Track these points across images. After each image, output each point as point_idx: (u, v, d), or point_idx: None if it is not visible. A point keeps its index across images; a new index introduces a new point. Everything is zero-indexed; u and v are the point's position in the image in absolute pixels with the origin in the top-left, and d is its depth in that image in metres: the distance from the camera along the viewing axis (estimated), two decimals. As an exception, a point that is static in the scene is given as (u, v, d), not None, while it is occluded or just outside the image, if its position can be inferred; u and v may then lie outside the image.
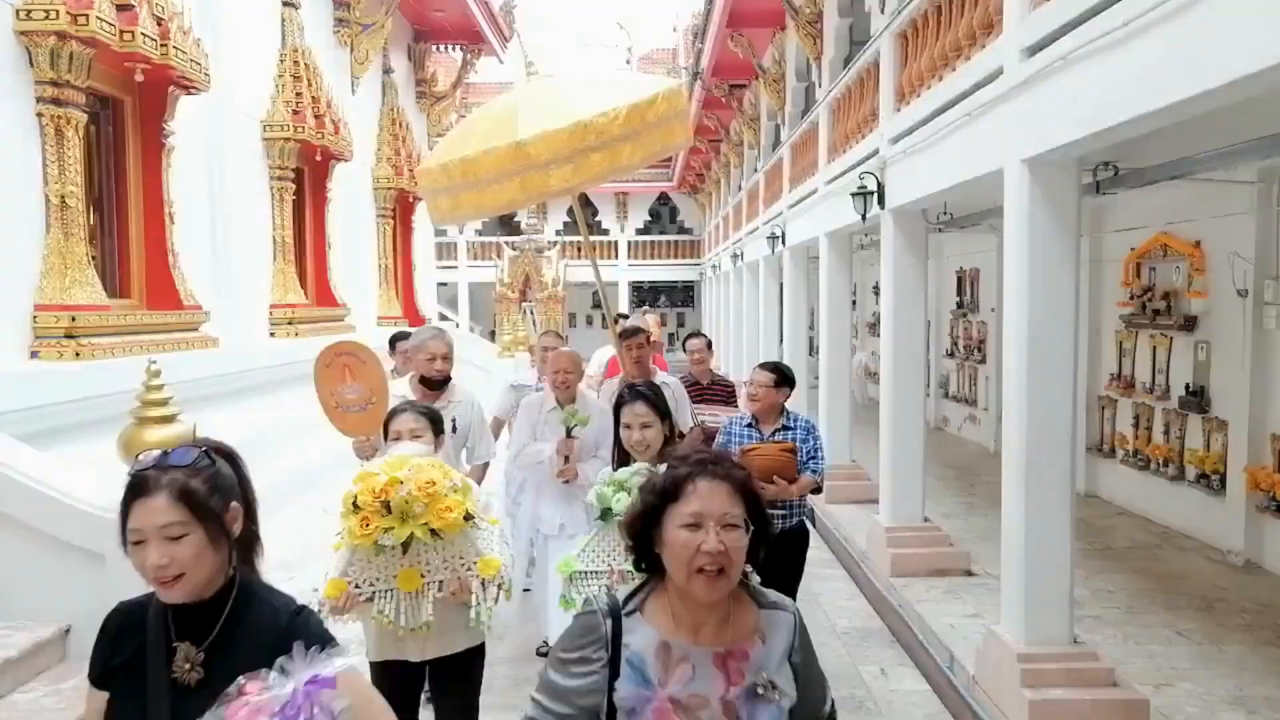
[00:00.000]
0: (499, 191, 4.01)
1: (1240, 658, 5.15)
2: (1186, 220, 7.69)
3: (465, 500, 2.91)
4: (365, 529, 2.81)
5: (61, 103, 5.82)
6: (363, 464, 3.49)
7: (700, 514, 1.67)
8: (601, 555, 3.13)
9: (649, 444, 3.49)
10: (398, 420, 3.53)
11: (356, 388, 4.51)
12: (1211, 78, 3.06)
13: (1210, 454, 7.40)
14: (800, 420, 4.63)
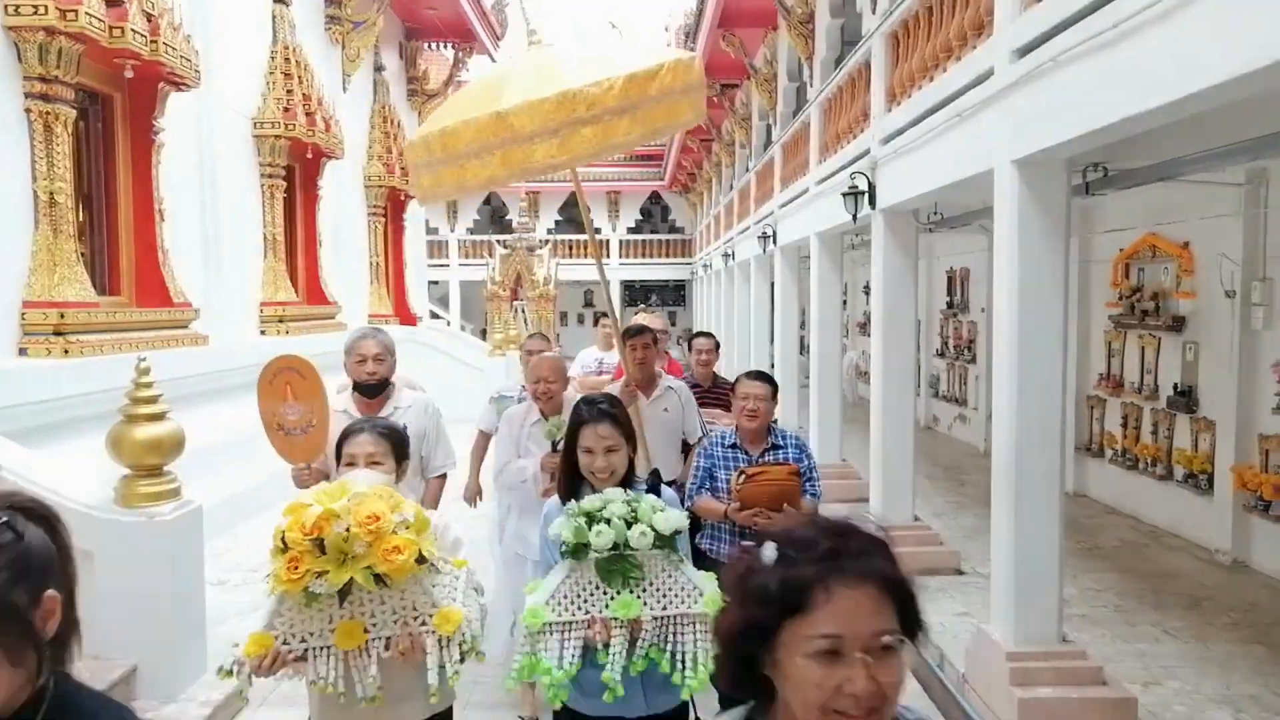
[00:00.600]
0: (479, 167, 3.68)
1: (1227, 656, 5.19)
2: (1175, 221, 7.73)
3: (420, 538, 2.38)
4: (294, 573, 2.29)
5: (50, 99, 5.79)
6: None
7: (839, 637, 1.14)
8: (576, 601, 2.55)
9: (614, 470, 2.84)
10: (353, 443, 2.94)
11: (297, 408, 3.96)
12: (1201, 80, 3.07)
13: (1198, 454, 7.44)
14: (790, 437, 4.10)
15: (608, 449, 2.84)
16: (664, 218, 33.18)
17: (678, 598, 2.56)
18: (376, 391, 4.04)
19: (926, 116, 5.92)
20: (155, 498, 4.45)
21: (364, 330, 4.19)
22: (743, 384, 4.04)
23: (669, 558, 2.58)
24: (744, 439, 3.99)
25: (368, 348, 4.03)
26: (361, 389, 4.04)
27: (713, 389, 5.75)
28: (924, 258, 12.35)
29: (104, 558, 4.33)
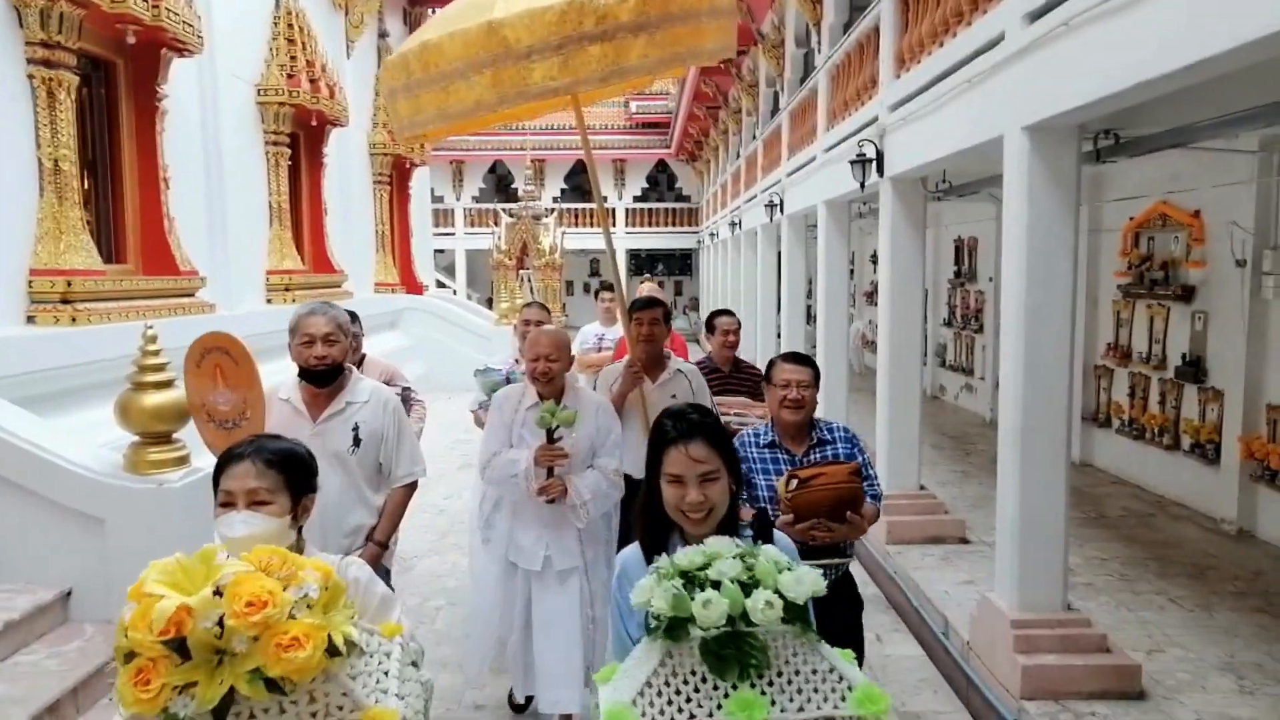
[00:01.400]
0: (465, 89, 3.13)
1: (1231, 625, 5.21)
2: (1186, 190, 7.66)
3: (330, 618, 1.68)
4: (145, 690, 1.56)
5: (52, 64, 5.76)
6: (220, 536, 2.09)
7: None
8: (675, 699, 1.72)
9: (713, 508, 2.07)
10: (229, 475, 2.11)
11: (229, 396, 3.42)
12: (1216, 43, 3.03)
13: (1205, 424, 7.43)
14: (838, 429, 3.38)
15: (704, 477, 2.06)
16: (670, 186, 33.01)
17: (818, 693, 1.77)
18: (327, 380, 3.31)
19: (936, 83, 5.85)
20: (164, 465, 4.48)
21: (311, 305, 3.40)
22: (781, 369, 3.27)
23: (803, 635, 1.79)
24: (784, 435, 3.27)
25: (316, 325, 3.29)
26: (309, 376, 3.32)
27: (734, 374, 5.08)
28: (932, 226, 12.26)
29: (114, 524, 4.37)
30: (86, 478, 4.35)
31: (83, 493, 4.36)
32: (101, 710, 3.91)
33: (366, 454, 3.32)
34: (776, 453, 3.25)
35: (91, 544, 4.34)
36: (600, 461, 3.70)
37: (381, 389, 3.49)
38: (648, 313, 4.26)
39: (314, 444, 2.76)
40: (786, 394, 3.23)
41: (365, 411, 3.34)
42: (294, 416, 3.30)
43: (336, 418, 3.31)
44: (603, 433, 3.72)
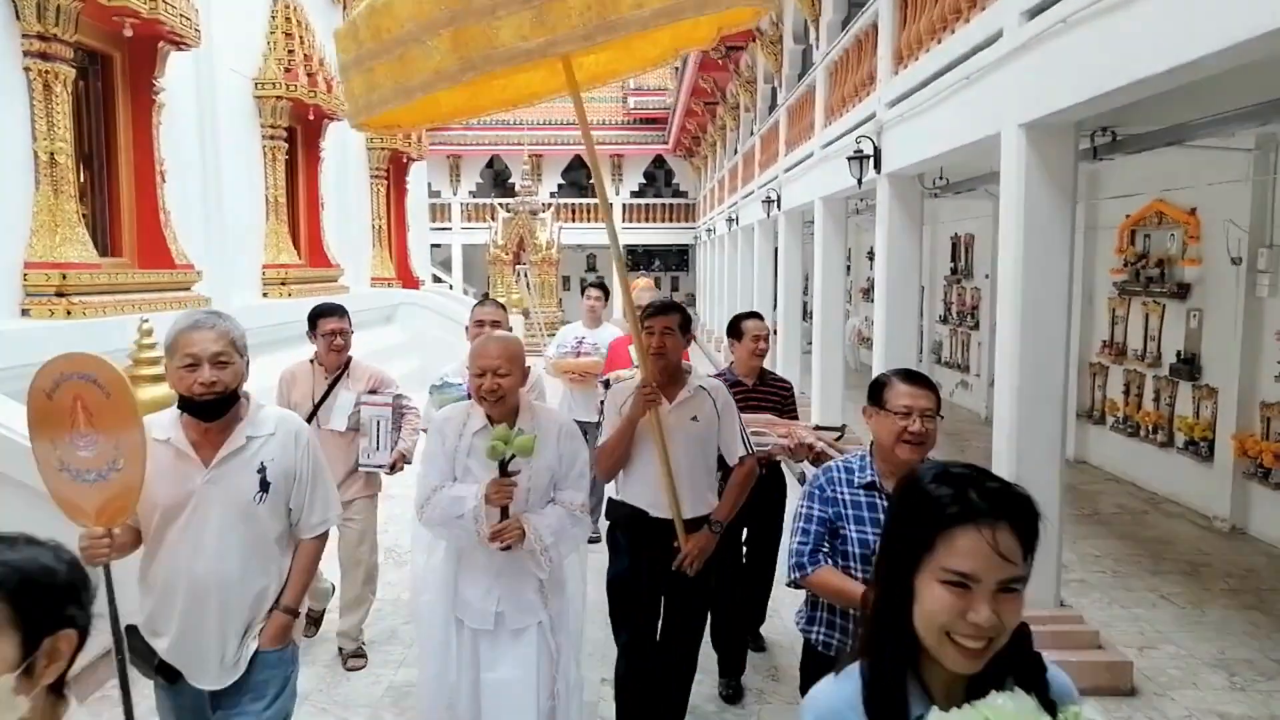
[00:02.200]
0: (422, 56, 2.59)
1: (1223, 621, 5.23)
2: (1182, 187, 7.67)
3: None
4: None
5: (49, 57, 5.74)
6: None
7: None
8: None
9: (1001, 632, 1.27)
10: None
11: (93, 440, 2.39)
12: (1212, 42, 3.04)
13: (1199, 421, 7.45)
14: None
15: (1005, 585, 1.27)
16: (667, 182, 33.00)
17: None
18: (217, 411, 2.52)
19: (933, 80, 5.86)
20: (159, 458, 4.48)
21: (195, 315, 2.56)
22: (898, 391, 2.55)
23: None
24: (890, 475, 2.54)
25: (201, 343, 2.48)
26: (195, 409, 2.51)
27: (759, 387, 4.45)
28: (928, 223, 12.26)
29: (109, 517, 4.36)
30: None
31: (78, 486, 4.36)
32: (96, 702, 3.92)
33: (276, 500, 2.63)
34: (875, 497, 2.54)
35: (87, 537, 4.34)
36: (564, 495, 3.06)
37: (290, 418, 2.76)
38: (660, 320, 3.50)
39: (208, 495, 2.49)
40: (906, 425, 2.50)
41: (272, 446, 2.62)
42: (178, 463, 2.52)
43: (235, 458, 2.55)
44: (567, 461, 3.06)
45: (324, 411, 4.46)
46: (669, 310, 3.57)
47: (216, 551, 2.52)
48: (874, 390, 2.64)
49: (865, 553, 2.46)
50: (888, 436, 2.53)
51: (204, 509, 2.52)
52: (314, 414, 4.41)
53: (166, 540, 2.55)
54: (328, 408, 4.47)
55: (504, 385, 2.93)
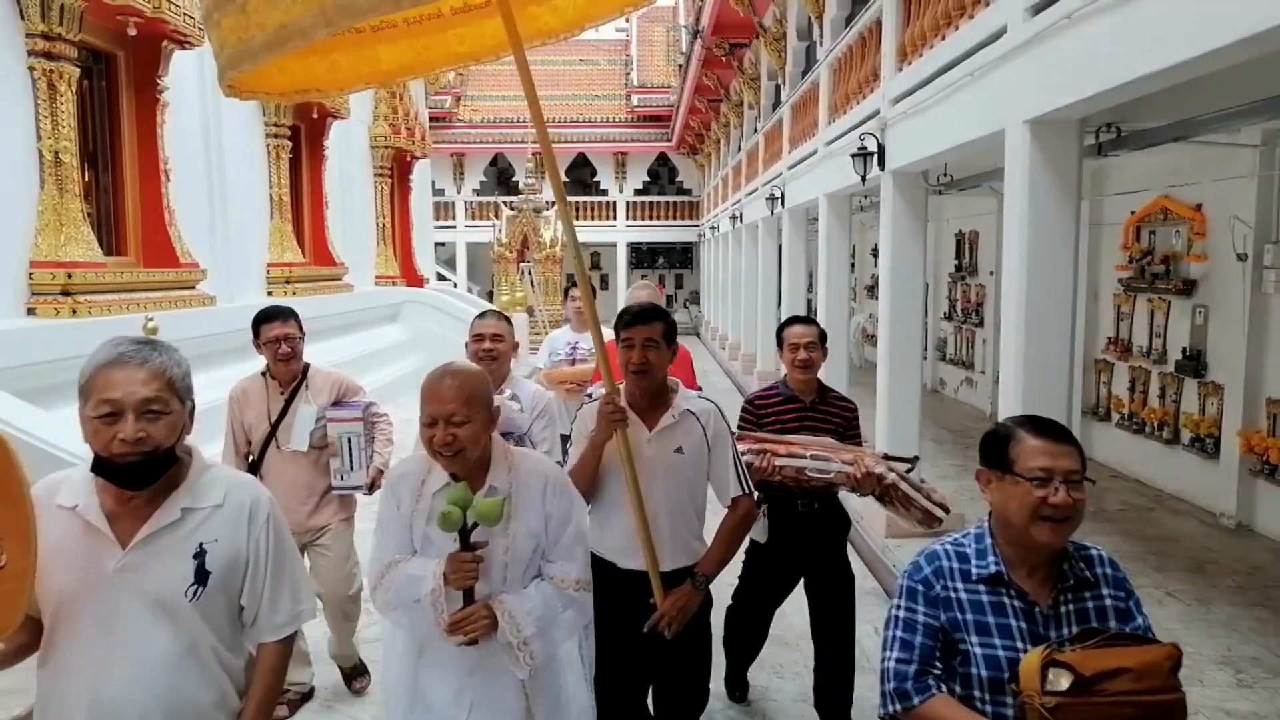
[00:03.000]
0: (267, 7, 2.13)
1: (1229, 619, 5.21)
2: (1188, 184, 7.65)
3: None
4: None
5: (53, 56, 5.76)
6: None
7: None
8: None
9: None
10: None
11: None
12: (1218, 36, 3.02)
13: (1205, 418, 7.43)
14: (1098, 557, 2.02)
15: None
16: (671, 179, 32.98)
17: None
18: (143, 478, 1.84)
19: (937, 76, 5.85)
20: (165, 457, 4.48)
21: (119, 348, 1.86)
22: (1031, 447, 1.89)
23: None
24: (1019, 564, 1.93)
25: (124, 385, 1.81)
26: (111, 472, 1.83)
27: (819, 406, 3.85)
28: (933, 220, 12.26)
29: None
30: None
31: (84, 484, 4.37)
32: None
33: (219, 595, 1.93)
34: (1004, 595, 1.91)
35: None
36: (554, 569, 2.41)
37: (245, 485, 2.04)
38: (640, 330, 2.84)
39: (123, 586, 1.82)
40: (1045, 495, 1.83)
41: (217, 523, 1.92)
42: (85, 540, 1.85)
43: (164, 538, 1.86)
44: (556, 524, 2.42)
45: (283, 431, 3.96)
46: (650, 318, 2.87)
47: (131, 667, 1.82)
48: (994, 447, 1.97)
49: (996, 675, 1.84)
50: (1019, 512, 1.87)
51: (115, 605, 1.82)
52: (272, 434, 3.95)
53: (61, 648, 1.85)
54: (286, 426, 3.95)
55: (461, 436, 2.26)
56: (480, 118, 30.51)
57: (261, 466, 3.96)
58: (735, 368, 17.70)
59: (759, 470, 3.50)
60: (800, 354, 3.82)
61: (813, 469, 3.48)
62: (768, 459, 3.56)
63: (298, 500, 3.95)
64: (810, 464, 3.48)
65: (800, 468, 3.56)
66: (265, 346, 3.92)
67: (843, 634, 3.82)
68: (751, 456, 3.51)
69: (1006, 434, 1.96)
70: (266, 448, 3.97)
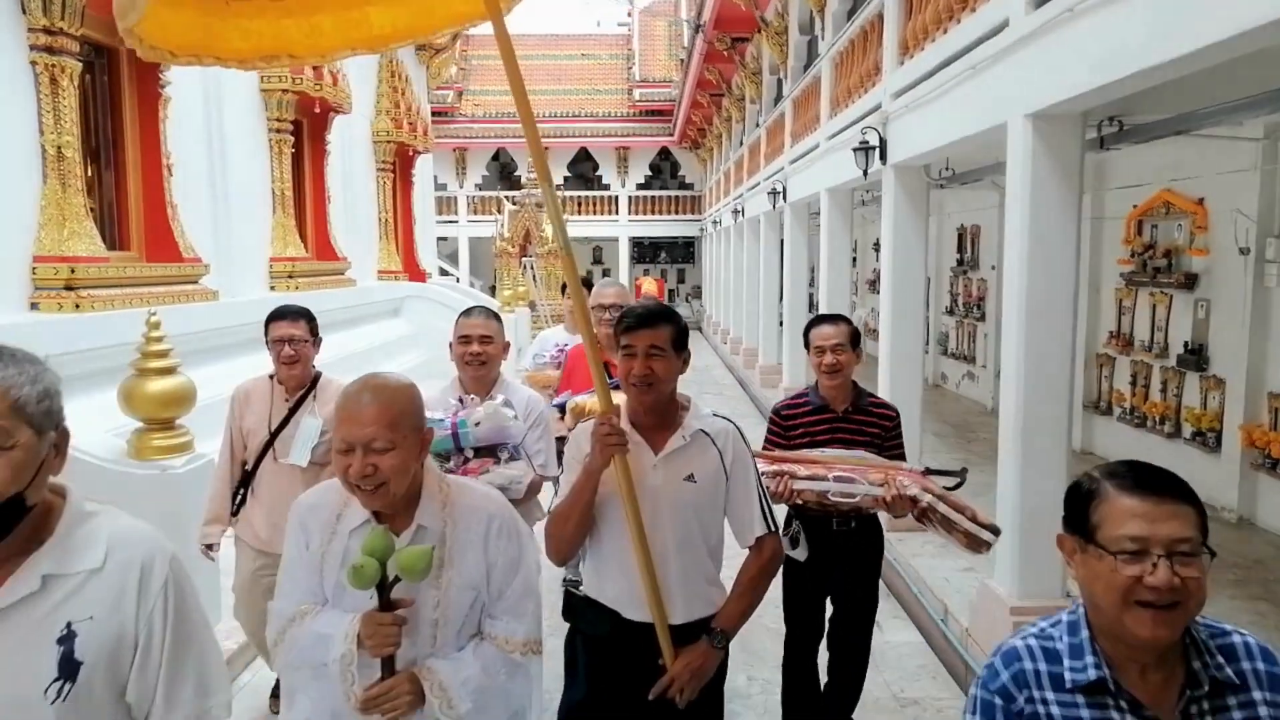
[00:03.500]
0: None
1: (1230, 612, 5.22)
2: (1190, 177, 7.64)
3: None
4: None
5: (55, 51, 5.76)
6: None
7: None
8: None
9: None
10: None
11: None
12: (1219, 29, 3.02)
13: (1207, 412, 7.43)
14: (1252, 647, 1.46)
15: None
16: (673, 174, 32.97)
17: None
18: None
19: (939, 70, 5.84)
20: (167, 451, 4.51)
21: None
22: (1122, 507, 1.41)
23: None
24: (1126, 659, 1.44)
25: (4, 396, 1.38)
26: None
27: (853, 415, 3.47)
28: (934, 214, 12.26)
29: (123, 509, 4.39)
30: (90, 464, 4.37)
31: (86, 479, 4.38)
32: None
33: (91, 694, 1.41)
34: (1114, 709, 1.42)
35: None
36: (499, 627, 2.01)
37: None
38: (644, 336, 2.36)
39: None
40: (1141, 574, 1.36)
41: (92, 594, 1.43)
42: None
43: (16, 616, 1.38)
44: (502, 572, 2.01)
45: (282, 441, 3.65)
46: (656, 321, 2.38)
47: None
48: (1079, 508, 1.49)
49: None
50: (1105, 595, 1.41)
51: None
52: (270, 443, 3.68)
53: None
54: (287, 436, 3.64)
55: (384, 467, 1.83)
56: (483, 112, 30.50)
57: (255, 479, 3.70)
58: (737, 362, 17.70)
59: (776, 495, 3.11)
60: (827, 357, 3.39)
61: (837, 492, 3.05)
62: (785, 482, 3.18)
63: None
64: (834, 487, 3.04)
65: (822, 491, 3.14)
66: (271, 346, 3.69)
67: (860, 646, 3.66)
68: (768, 480, 3.12)
69: (1092, 490, 1.48)
70: (263, 456, 3.68)
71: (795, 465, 3.24)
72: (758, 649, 4.78)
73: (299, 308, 3.75)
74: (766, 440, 3.55)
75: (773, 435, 3.56)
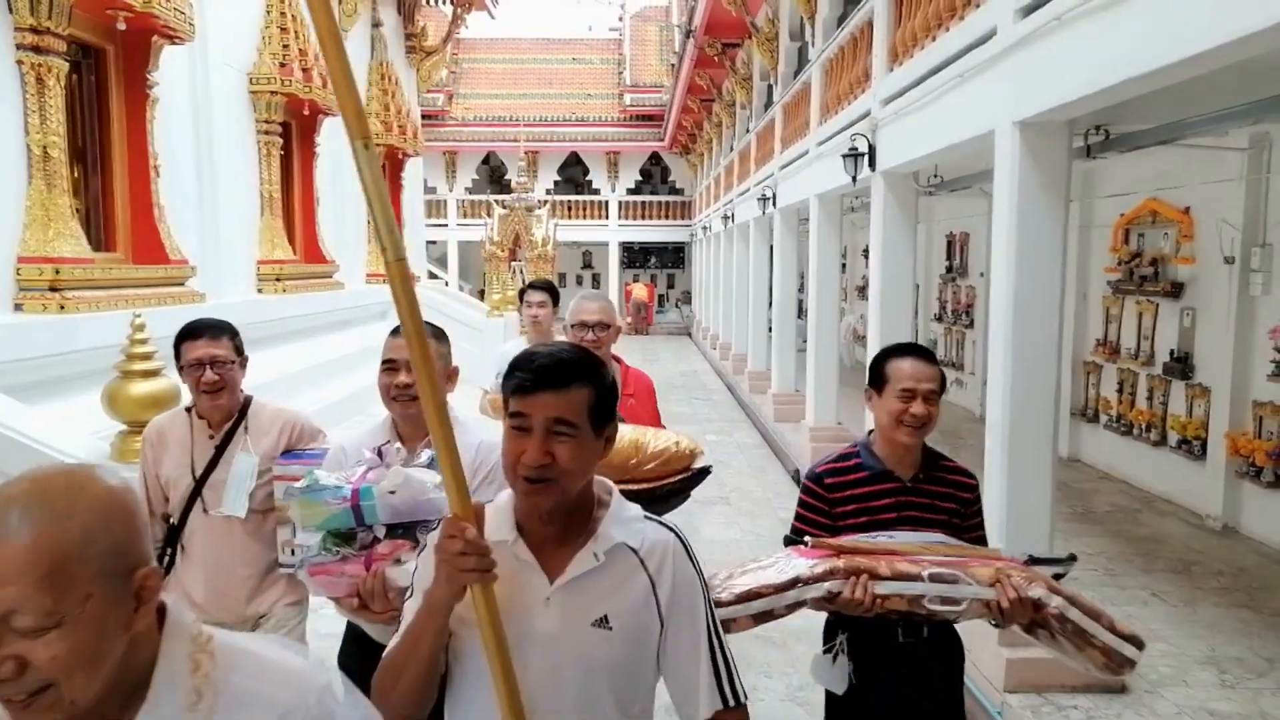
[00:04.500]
0: None
1: (1214, 619, 5.24)
2: (1176, 186, 7.69)
3: None
4: None
5: (42, 50, 5.72)
6: None
7: None
8: None
9: None
10: None
11: None
12: (1205, 40, 3.04)
13: (1192, 420, 7.47)
14: None
15: None
16: (664, 179, 32.99)
17: None
18: None
19: (928, 77, 5.87)
20: (152, 454, 4.46)
21: None
22: None
23: None
24: None
25: None
26: None
27: (923, 482, 2.57)
28: (923, 221, 12.29)
29: (101, 512, 4.35)
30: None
31: (70, 481, 4.35)
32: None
33: None
34: None
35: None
36: None
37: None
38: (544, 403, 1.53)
39: None
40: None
41: None
42: None
43: None
44: None
45: (211, 488, 2.89)
46: (569, 379, 1.55)
47: None
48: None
49: None
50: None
51: None
52: (197, 493, 2.91)
53: None
54: (217, 481, 2.90)
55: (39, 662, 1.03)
56: (473, 116, 30.47)
57: (183, 534, 2.95)
58: (726, 368, 17.71)
59: (852, 604, 2.24)
60: (917, 406, 2.45)
61: (934, 597, 2.21)
62: (864, 587, 2.23)
63: (233, 582, 2.93)
64: (931, 590, 2.21)
65: (915, 597, 2.23)
66: (186, 372, 2.87)
67: None
68: (838, 583, 2.24)
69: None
70: (190, 510, 2.91)
71: (874, 559, 2.28)
72: (744, 656, 4.78)
73: (218, 321, 2.96)
74: (800, 516, 2.59)
75: (811, 512, 2.56)
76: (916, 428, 2.49)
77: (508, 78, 32.28)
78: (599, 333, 3.52)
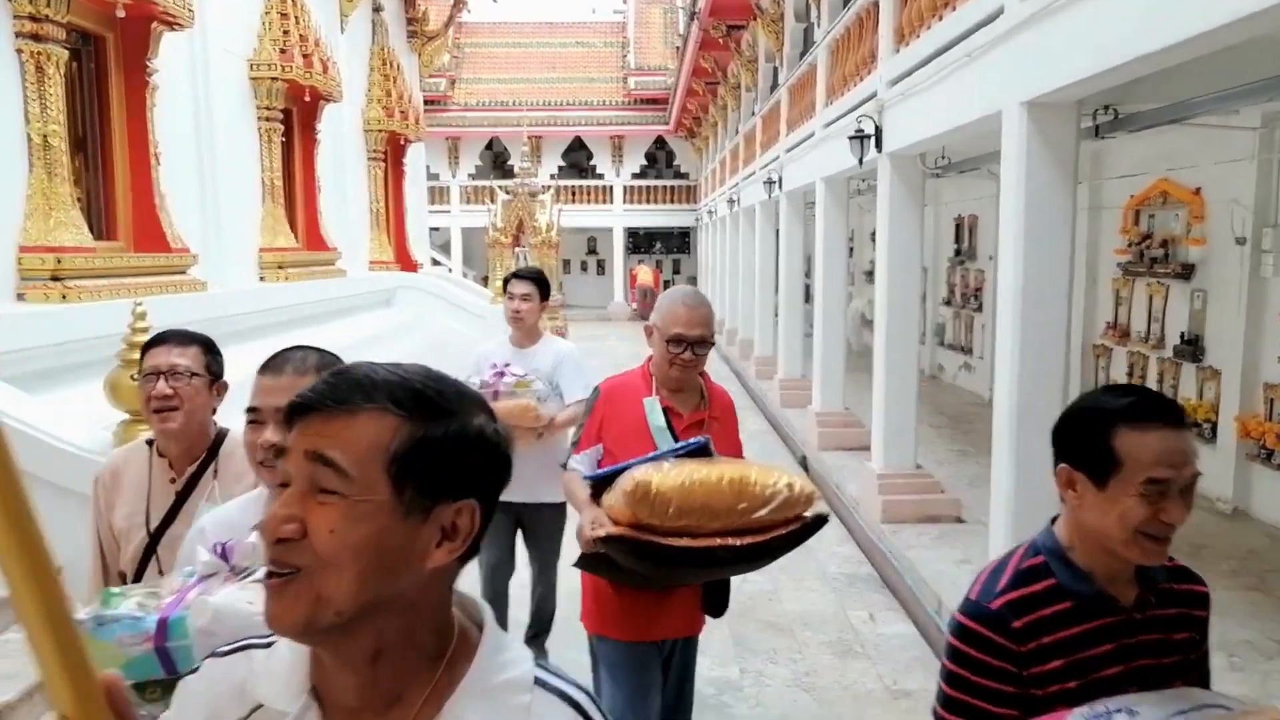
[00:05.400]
0: None
1: (1224, 603, 5.20)
2: (1187, 167, 7.61)
3: None
4: None
5: (41, 38, 5.69)
6: None
7: None
8: None
9: None
10: None
11: None
12: (1216, 16, 2.98)
13: (1203, 403, 7.41)
14: None
15: None
16: (669, 163, 32.85)
17: None
18: None
19: (935, 57, 5.79)
20: (154, 443, 4.45)
21: None
22: None
23: None
24: None
25: None
26: None
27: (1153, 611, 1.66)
28: (931, 204, 12.21)
29: (104, 503, 4.35)
30: (76, 455, 4.32)
31: (73, 470, 4.33)
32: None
33: None
34: None
35: (82, 521, 4.32)
36: None
37: None
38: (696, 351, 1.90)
39: None
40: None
41: None
42: None
43: None
44: None
45: (167, 547, 2.24)
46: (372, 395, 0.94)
47: None
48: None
49: None
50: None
51: None
52: (152, 550, 2.30)
53: None
54: (174, 539, 2.19)
55: None
56: (475, 101, 30.34)
57: None
58: (733, 353, 17.67)
59: None
60: (1173, 509, 1.53)
61: None
62: None
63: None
64: None
65: None
66: (140, 387, 2.36)
67: None
68: None
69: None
70: (143, 571, 2.30)
71: None
72: (750, 641, 4.76)
73: (192, 332, 2.48)
74: (961, 682, 1.62)
75: (985, 676, 1.58)
76: (1158, 540, 1.54)
77: (511, 62, 32.11)
78: (698, 351, 2.67)
